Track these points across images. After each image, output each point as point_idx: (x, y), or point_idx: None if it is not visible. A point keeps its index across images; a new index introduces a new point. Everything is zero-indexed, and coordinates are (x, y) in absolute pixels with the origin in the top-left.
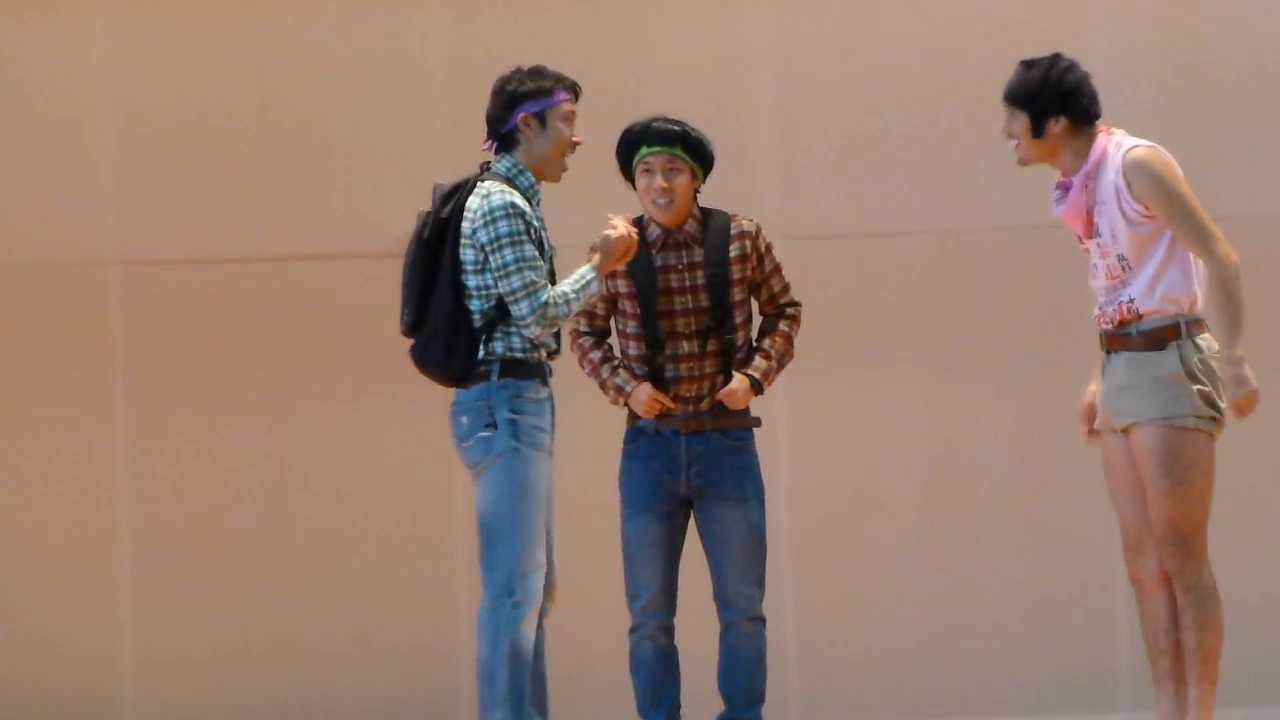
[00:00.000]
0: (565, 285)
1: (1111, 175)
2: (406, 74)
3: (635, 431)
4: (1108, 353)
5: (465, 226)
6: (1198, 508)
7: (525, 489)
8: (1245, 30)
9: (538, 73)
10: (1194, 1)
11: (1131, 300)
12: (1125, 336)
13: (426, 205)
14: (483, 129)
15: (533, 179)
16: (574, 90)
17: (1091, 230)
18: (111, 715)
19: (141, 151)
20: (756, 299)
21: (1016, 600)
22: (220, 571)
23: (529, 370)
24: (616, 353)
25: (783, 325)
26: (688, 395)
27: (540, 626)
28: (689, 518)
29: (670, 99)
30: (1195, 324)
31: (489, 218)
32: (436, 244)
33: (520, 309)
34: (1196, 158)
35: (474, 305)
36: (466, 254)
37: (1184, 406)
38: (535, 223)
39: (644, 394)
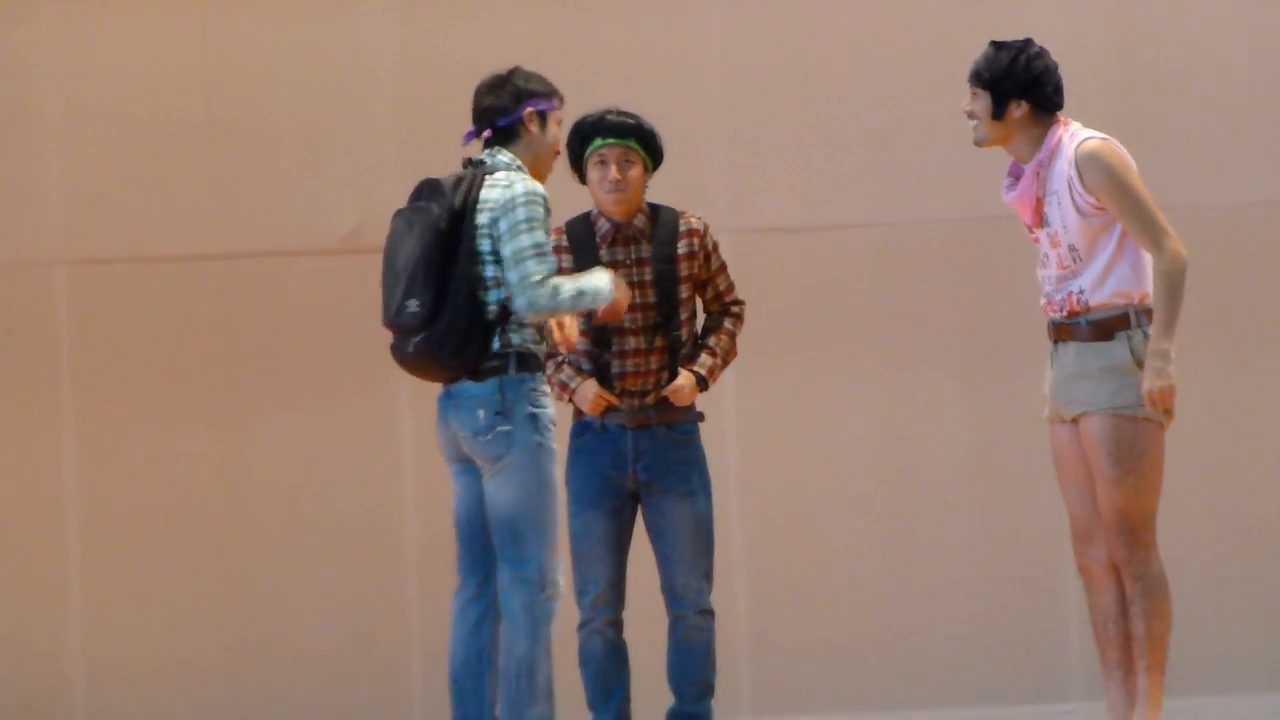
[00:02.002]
0: (569, 282)
1: (1064, 166)
2: (354, 71)
3: (581, 426)
4: (1055, 343)
5: (482, 218)
6: (1147, 497)
7: (549, 483)
8: (1193, 19)
9: (538, 76)
10: None
11: (1081, 291)
12: (1074, 326)
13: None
14: (430, 125)
15: (530, 175)
16: (562, 102)
17: (1040, 219)
18: (62, 718)
19: (88, 149)
20: (701, 297)
21: (968, 591)
22: (171, 572)
23: (538, 364)
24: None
25: (727, 323)
26: (633, 390)
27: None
28: (636, 512)
29: (620, 95)
30: (1145, 314)
31: (510, 205)
32: (452, 236)
33: (526, 297)
34: (1145, 148)
35: (490, 296)
36: (483, 245)
37: (1134, 396)
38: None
39: (590, 391)
